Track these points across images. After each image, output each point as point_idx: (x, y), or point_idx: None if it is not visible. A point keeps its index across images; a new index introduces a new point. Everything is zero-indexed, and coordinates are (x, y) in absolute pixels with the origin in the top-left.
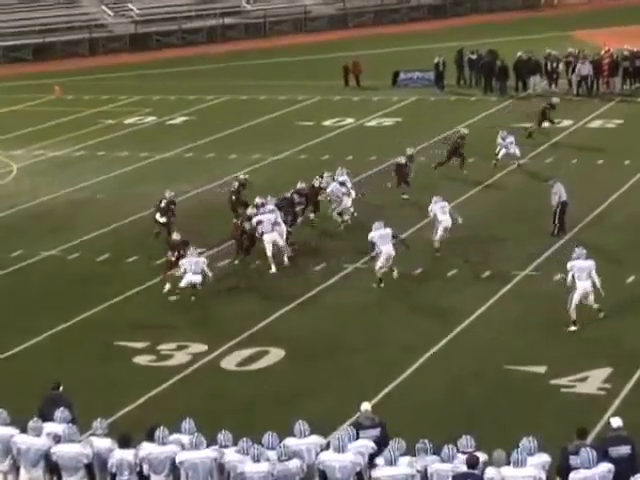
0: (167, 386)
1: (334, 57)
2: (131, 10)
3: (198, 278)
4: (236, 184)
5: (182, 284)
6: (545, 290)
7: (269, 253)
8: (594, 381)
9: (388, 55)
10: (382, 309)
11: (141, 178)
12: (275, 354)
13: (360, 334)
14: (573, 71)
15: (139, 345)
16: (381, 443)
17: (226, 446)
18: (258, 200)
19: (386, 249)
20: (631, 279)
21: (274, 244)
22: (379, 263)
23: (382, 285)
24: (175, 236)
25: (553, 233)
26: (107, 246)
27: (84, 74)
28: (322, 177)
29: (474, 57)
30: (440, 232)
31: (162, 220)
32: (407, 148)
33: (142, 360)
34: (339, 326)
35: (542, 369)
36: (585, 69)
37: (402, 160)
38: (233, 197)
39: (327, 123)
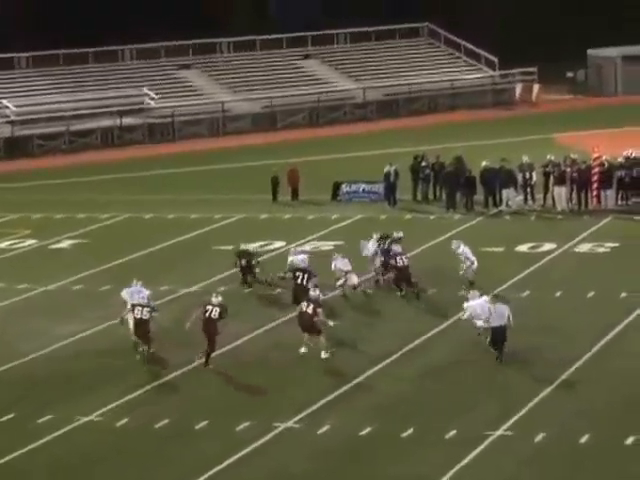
0: None
1: (259, 165)
2: (6, 108)
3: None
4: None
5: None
6: (527, 454)
7: None
8: None
9: (326, 163)
10: None
11: (18, 316)
12: None
13: None
14: (561, 181)
15: None
16: None
17: None
18: None
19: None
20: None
21: None
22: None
23: None
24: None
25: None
26: None
27: None
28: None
29: (435, 166)
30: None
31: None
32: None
33: None
34: None
35: None
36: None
37: None
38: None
39: (251, 247)
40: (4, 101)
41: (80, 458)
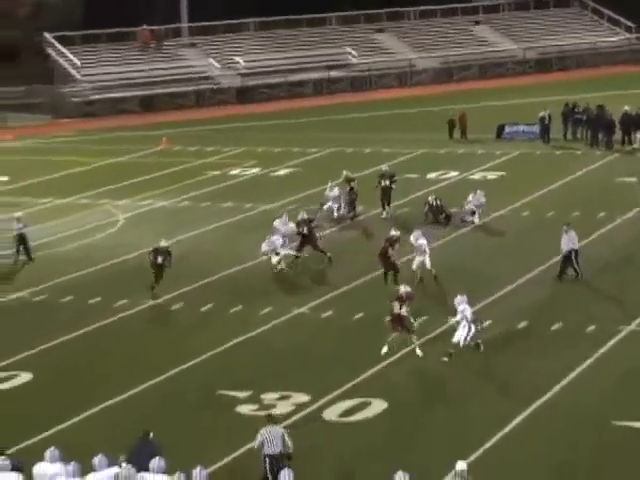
0: None
1: (438, 110)
2: (237, 63)
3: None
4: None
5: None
6: None
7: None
8: None
9: (492, 109)
10: (487, 361)
11: (245, 229)
12: (377, 406)
13: (460, 386)
14: None
15: (242, 395)
16: None
17: None
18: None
19: None
20: None
21: None
22: None
23: None
24: (403, 288)
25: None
26: (211, 296)
27: (190, 126)
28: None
29: (582, 111)
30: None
31: None
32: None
33: (244, 410)
34: (440, 379)
35: None
36: None
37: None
38: None
39: (432, 176)
40: (236, 57)
41: (289, 344)
